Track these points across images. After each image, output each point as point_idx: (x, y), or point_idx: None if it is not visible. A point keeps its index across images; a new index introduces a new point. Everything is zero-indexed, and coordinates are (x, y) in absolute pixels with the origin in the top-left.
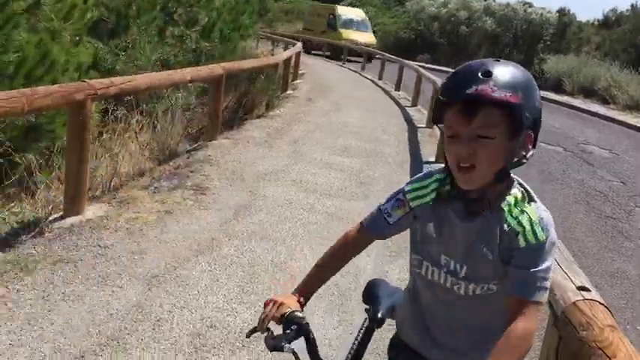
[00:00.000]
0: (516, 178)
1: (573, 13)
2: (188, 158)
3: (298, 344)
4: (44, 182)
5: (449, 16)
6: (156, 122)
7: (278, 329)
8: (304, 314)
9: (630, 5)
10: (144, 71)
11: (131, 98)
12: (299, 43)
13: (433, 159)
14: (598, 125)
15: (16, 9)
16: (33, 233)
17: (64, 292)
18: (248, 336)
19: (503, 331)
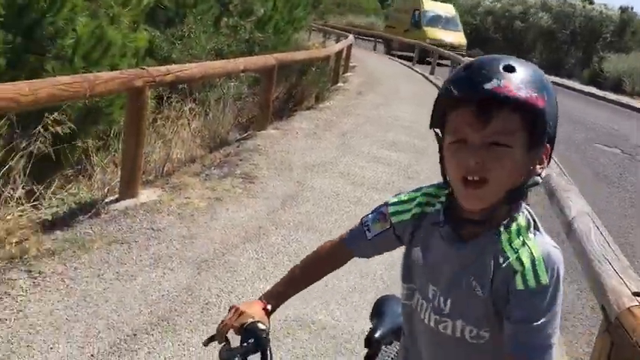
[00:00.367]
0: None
1: (635, 12)
2: (238, 147)
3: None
4: (101, 165)
5: (503, 11)
6: (208, 110)
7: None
8: (267, 325)
9: None
10: (198, 60)
11: (185, 86)
12: (351, 36)
13: None
14: None
15: None
16: (89, 214)
17: (118, 272)
18: (205, 344)
19: None
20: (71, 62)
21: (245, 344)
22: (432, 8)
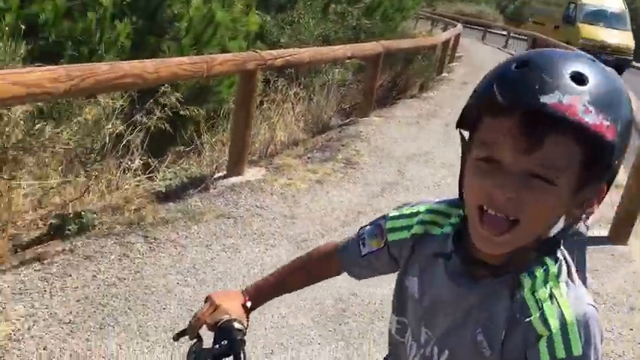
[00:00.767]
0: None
1: None
2: (340, 132)
3: None
4: (210, 143)
5: None
6: (312, 95)
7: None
8: (244, 325)
9: None
10: (306, 45)
11: (292, 71)
12: (459, 25)
13: None
14: None
15: None
16: (199, 188)
17: (225, 244)
18: (175, 339)
19: None
20: (183, 43)
21: (217, 346)
22: (593, 1)
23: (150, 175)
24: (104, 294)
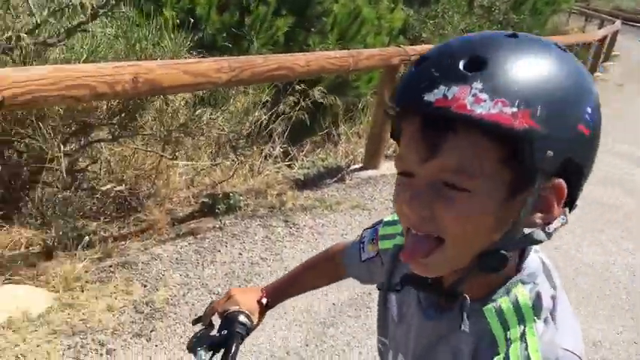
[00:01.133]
0: (538, 256)
1: None
2: None
3: (210, 356)
4: (346, 135)
5: None
6: None
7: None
8: (252, 319)
9: None
10: (447, 40)
11: None
12: (618, 21)
13: None
14: None
15: None
16: (335, 178)
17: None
18: (193, 323)
19: None
20: (329, 38)
21: (218, 334)
22: None
23: (289, 163)
24: (248, 271)
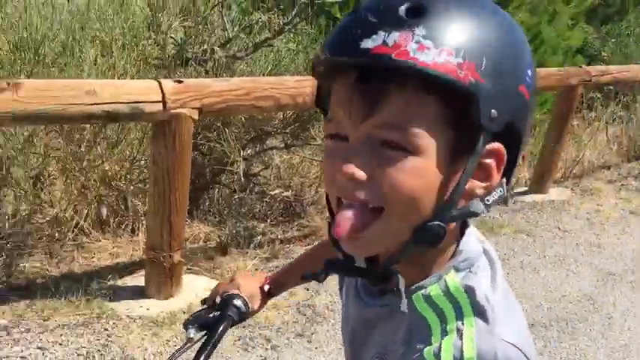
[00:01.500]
0: (480, 245)
1: None
2: None
3: (200, 336)
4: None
5: None
6: (633, 116)
7: None
8: (248, 305)
9: None
10: (629, 60)
11: (610, 88)
12: None
13: None
14: None
15: None
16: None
17: (522, 261)
18: (202, 303)
19: None
20: None
21: (211, 315)
22: None
23: None
24: None
